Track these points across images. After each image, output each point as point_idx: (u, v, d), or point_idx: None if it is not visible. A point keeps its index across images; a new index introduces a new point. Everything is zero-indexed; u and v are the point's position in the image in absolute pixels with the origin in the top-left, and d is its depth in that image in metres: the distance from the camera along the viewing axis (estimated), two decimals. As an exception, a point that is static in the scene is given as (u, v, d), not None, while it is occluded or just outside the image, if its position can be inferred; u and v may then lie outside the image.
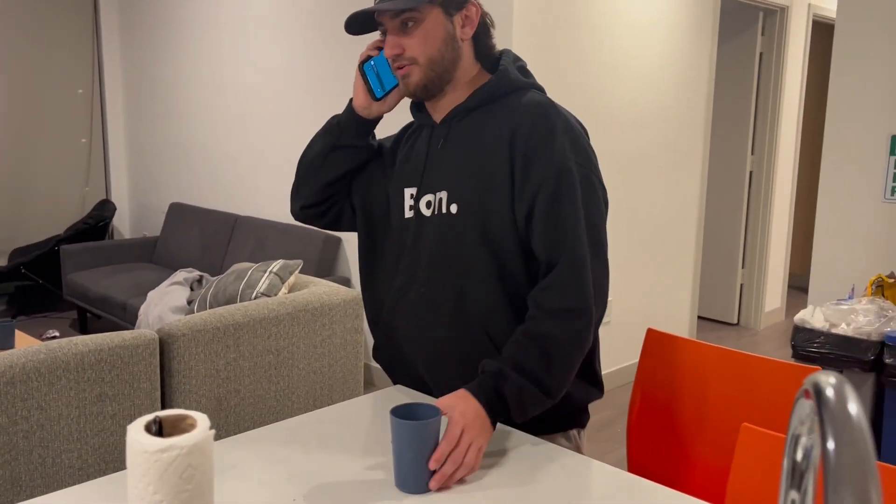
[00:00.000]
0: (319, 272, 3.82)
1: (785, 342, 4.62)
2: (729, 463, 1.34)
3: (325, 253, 3.87)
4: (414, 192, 1.36)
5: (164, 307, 3.52)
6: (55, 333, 4.36)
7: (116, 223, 5.62)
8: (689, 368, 1.61)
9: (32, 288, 5.01)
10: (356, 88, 1.40)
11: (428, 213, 1.33)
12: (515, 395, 1.19)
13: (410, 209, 1.36)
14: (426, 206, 1.33)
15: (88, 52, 5.39)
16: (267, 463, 1.19)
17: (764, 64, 4.74)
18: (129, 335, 2.17)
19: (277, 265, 2.87)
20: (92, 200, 5.48)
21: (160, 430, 0.75)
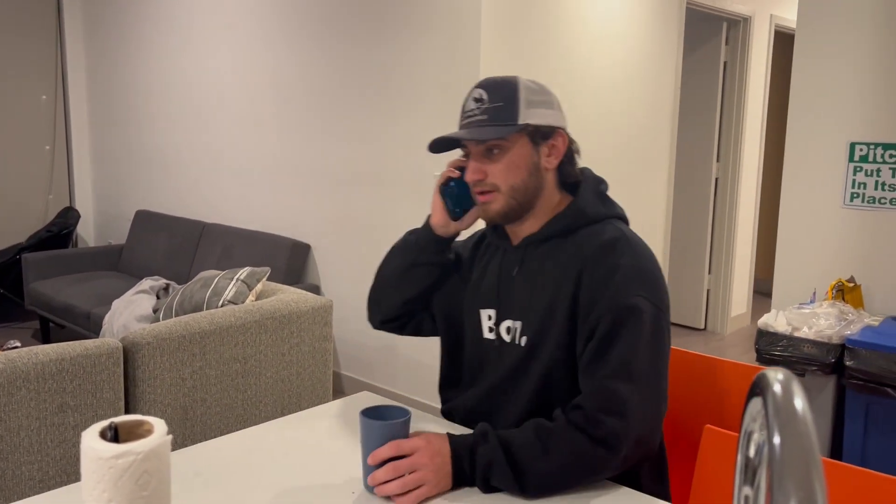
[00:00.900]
0: (288, 279, 3.79)
1: (751, 346, 4.68)
2: (694, 464, 1.36)
3: (293, 260, 3.84)
4: (492, 314, 1.35)
5: (129, 316, 3.46)
6: (16, 344, 4.26)
7: (81, 231, 5.52)
8: (653, 372, 1.62)
9: (-7, 298, 4.91)
10: (434, 207, 1.39)
11: (508, 338, 1.32)
12: (485, 461, 1.12)
13: (490, 331, 1.35)
14: (507, 331, 1.33)
15: (52, 58, 5.31)
16: (231, 471, 1.18)
17: (728, 73, 4.82)
18: (91, 344, 2.13)
19: (245, 272, 2.84)
20: (55, 208, 5.38)
21: (116, 436, 0.74)
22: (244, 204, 4.31)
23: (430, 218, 1.40)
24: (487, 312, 1.36)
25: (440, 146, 1.32)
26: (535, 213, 1.31)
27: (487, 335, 1.36)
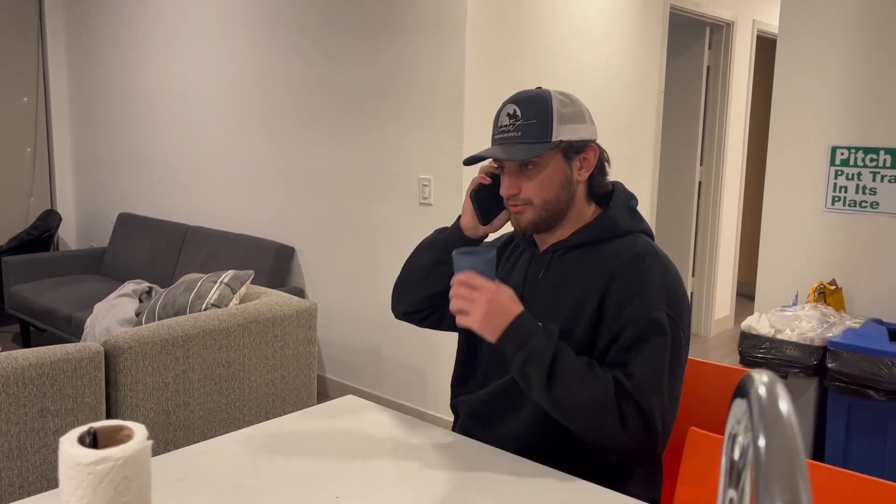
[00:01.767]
0: (272, 283, 3.77)
1: (734, 349, 4.72)
2: (678, 467, 1.36)
3: (278, 263, 3.82)
4: None
5: (111, 319, 3.43)
6: (-4, 348, 4.21)
7: (62, 234, 5.46)
8: (638, 374, 1.62)
9: (-28, 301, 4.84)
10: (465, 210, 1.44)
11: None
12: (535, 349, 1.19)
13: None
14: None
15: (33, 59, 5.25)
16: (213, 476, 1.17)
17: (711, 77, 4.86)
18: (72, 348, 2.11)
19: (228, 275, 2.82)
20: (36, 211, 5.33)
21: (95, 441, 0.73)
22: (228, 207, 4.28)
23: (459, 218, 1.44)
24: None
25: (473, 160, 1.36)
26: (564, 222, 1.35)
27: None
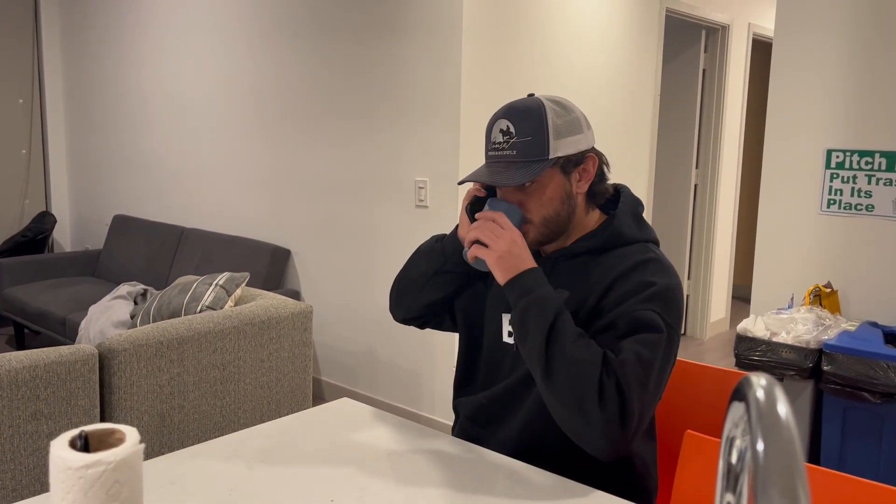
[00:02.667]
0: (268, 285, 3.76)
1: (730, 351, 4.72)
2: (674, 469, 1.36)
3: (273, 265, 3.81)
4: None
5: (105, 322, 3.42)
6: (-10, 350, 4.19)
7: (57, 236, 5.45)
8: (634, 377, 1.62)
9: (-34, 303, 4.82)
10: (461, 221, 1.40)
11: None
12: (541, 297, 1.19)
13: (510, 335, 1.36)
14: None
15: (28, 61, 5.23)
16: (207, 479, 1.16)
17: (707, 80, 4.87)
18: (66, 350, 2.10)
19: (223, 278, 2.81)
20: (31, 213, 5.31)
21: (86, 445, 0.72)
22: (224, 209, 4.27)
23: (457, 227, 1.41)
24: (509, 317, 1.35)
25: (469, 181, 1.33)
26: (566, 234, 1.33)
27: (507, 339, 1.37)
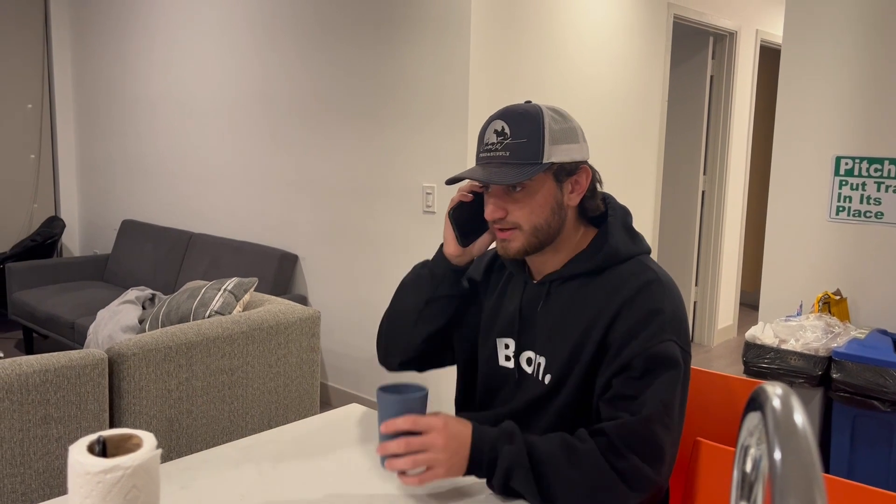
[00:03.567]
0: (275, 290, 3.77)
1: (737, 358, 4.71)
2: (684, 478, 1.36)
3: (281, 271, 3.82)
4: (510, 343, 1.32)
5: (114, 326, 3.43)
6: (-1, 354, 4.21)
7: (66, 241, 5.47)
8: (643, 384, 1.61)
9: (-25, 307, 4.85)
10: (447, 237, 1.33)
11: (529, 370, 1.29)
12: (508, 462, 1.10)
13: (507, 359, 1.32)
14: (527, 362, 1.29)
15: (39, 66, 5.27)
16: (218, 484, 1.16)
17: (714, 87, 4.87)
18: (76, 355, 2.11)
19: (232, 283, 2.82)
20: (40, 217, 5.34)
21: (104, 450, 0.73)
22: (232, 214, 4.29)
23: (442, 249, 1.35)
24: (505, 341, 1.33)
25: (458, 179, 1.26)
26: (555, 247, 1.27)
27: (504, 363, 1.33)
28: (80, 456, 0.71)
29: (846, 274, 2.79)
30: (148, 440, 0.74)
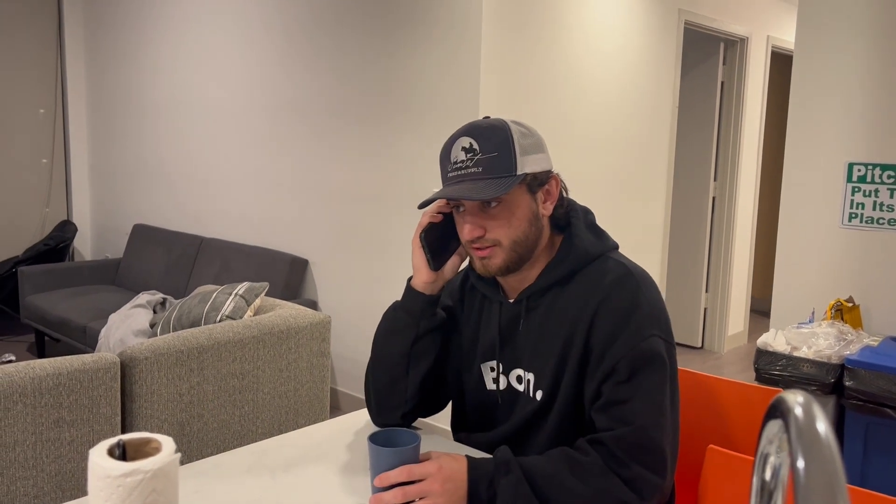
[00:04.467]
0: (286, 295, 3.78)
1: (748, 365, 4.69)
2: (696, 485, 1.35)
3: (291, 275, 3.84)
4: (494, 365, 1.31)
5: (125, 330, 3.45)
6: (11, 357, 4.24)
7: (77, 245, 5.51)
8: (655, 391, 1.61)
9: (-12, 311, 4.88)
10: (417, 265, 1.29)
11: (521, 388, 1.28)
12: (508, 495, 1.08)
13: (494, 381, 1.32)
14: (517, 380, 1.29)
15: (52, 71, 5.32)
16: (230, 488, 1.17)
17: (725, 92, 4.86)
18: (88, 358, 2.12)
19: (243, 287, 2.83)
20: (52, 221, 5.37)
21: (124, 453, 0.73)
22: (243, 219, 4.31)
23: (411, 283, 1.31)
24: (490, 364, 1.32)
25: (431, 202, 1.23)
26: (531, 262, 1.25)
27: (491, 386, 1.32)
28: (100, 459, 0.71)
29: (859, 281, 2.77)
30: (167, 444, 0.74)
